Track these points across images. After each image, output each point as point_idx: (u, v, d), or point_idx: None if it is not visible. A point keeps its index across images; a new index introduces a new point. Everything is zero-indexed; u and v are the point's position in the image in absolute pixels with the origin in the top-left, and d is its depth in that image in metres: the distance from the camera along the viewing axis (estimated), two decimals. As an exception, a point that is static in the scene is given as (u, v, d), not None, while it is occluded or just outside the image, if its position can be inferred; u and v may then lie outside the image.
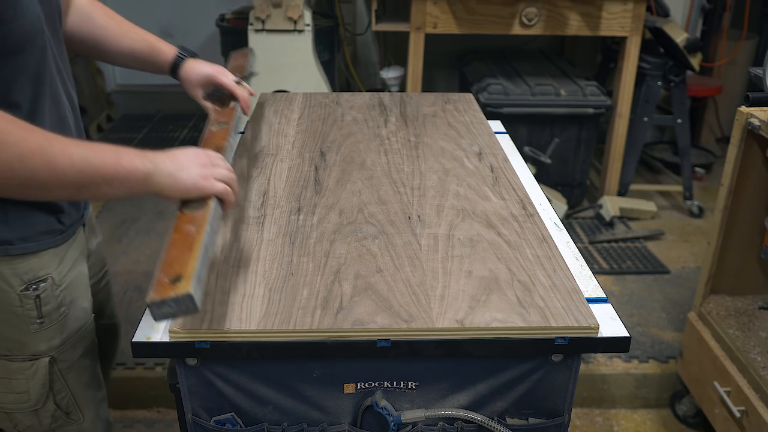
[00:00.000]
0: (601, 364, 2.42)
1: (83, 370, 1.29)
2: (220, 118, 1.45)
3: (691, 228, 3.37)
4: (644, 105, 3.38)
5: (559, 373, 1.13)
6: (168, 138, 4.16)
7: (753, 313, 2.09)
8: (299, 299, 1.11)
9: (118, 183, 1.04)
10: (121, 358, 2.36)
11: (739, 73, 4.00)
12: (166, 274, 0.94)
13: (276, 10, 3.11)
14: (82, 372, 1.29)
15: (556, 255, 1.26)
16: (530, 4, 3.01)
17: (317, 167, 1.59)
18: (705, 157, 3.97)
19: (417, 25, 3.06)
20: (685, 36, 3.15)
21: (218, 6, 4.12)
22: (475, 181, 1.53)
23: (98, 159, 1.02)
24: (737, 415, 1.88)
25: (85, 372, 1.30)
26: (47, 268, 1.17)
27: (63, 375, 1.25)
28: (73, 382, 1.27)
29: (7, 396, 1.22)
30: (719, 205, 1.99)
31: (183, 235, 1.03)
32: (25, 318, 1.16)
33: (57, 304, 1.20)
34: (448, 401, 1.14)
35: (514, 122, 3.12)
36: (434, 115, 1.93)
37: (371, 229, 1.33)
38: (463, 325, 1.07)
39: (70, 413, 1.28)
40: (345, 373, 1.11)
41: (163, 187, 1.09)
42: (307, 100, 2.04)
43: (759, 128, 1.80)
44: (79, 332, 1.26)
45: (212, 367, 1.09)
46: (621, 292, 2.82)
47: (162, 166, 1.09)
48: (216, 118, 1.46)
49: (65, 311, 1.22)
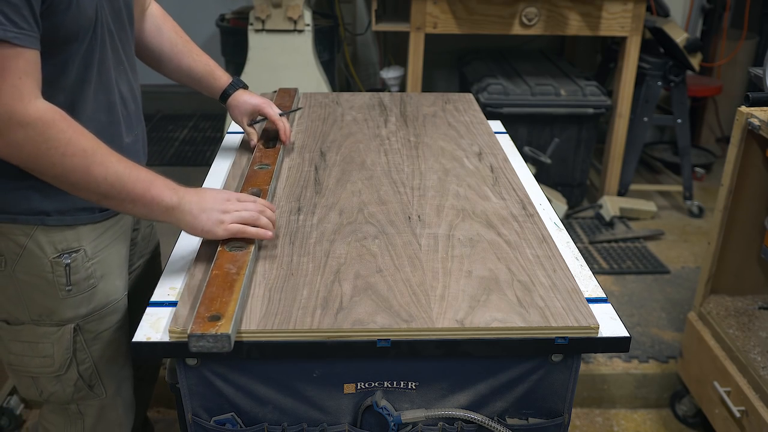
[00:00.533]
0: (601, 364, 2.42)
1: (108, 344, 1.34)
2: (264, 159, 1.54)
3: (691, 228, 3.37)
4: (644, 105, 3.38)
5: (559, 373, 1.13)
6: (168, 138, 4.16)
7: (753, 313, 2.09)
8: (299, 299, 1.11)
9: (142, 206, 1.15)
10: (121, 358, 2.36)
11: (739, 73, 4.00)
12: (207, 309, 1.04)
13: (276, 10, 3.11)
14: (107, 345, 1.34)
15: (556, 255, 1.26)
16: (530, 4, 3.01)
17: (317, 167, 1.59)
18: (705, 157, 3.97)
19: (417, 25, 3.06)
20: (685, 36, 3.15)
21: (218, 6, 4.12)
22: (475, 181, 1.53)
23: (131, 180, 1.13)
24: (737, 415, 1.88)
25: (110, 346, 1.35)
26: (81, 240, 1.25)
27: (87, 345, 1.31)
28: (97, 354, 1.33)
29: (33, 360, 1.29)
30: (719, 205, 1.99)
31: (224, 273, 1.12)
32: (55, 284, 1.24)
33: (86, 275, 1.27)
34: (448, 401, 1.14)
35: (514, 122, 3.12)
36: (434, 115, 1.93)
37: (371, 229, 1.33)
38: (463, 325, 1.07)
39: (93, 386, 1.34)
40: (345, 373, 1.11)
41: (183, 223, 1.19)
42: (307, 100, 2.04)
43: (759, 128, 1.80)
44: (107, 307, 1.32)
45: (212, 367, 1.09)
46: (621, 292, 2.82)
47: (187, 204, 1.18)
48: (259, 157, 1.55)
49: (94, 283, 1.28)
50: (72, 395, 1.34)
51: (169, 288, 1.19)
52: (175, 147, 4.05)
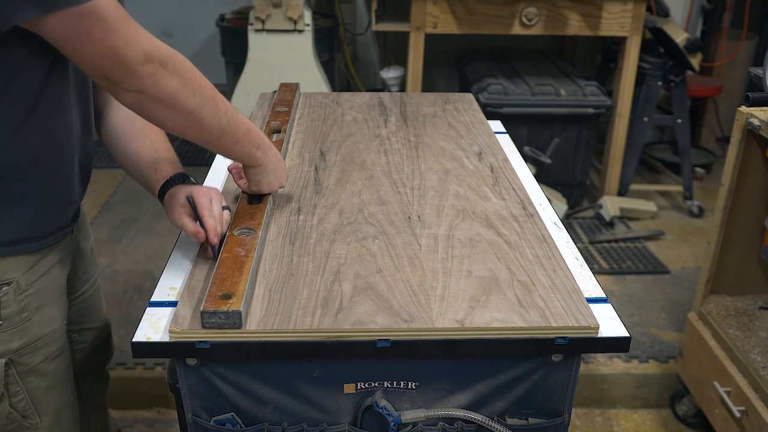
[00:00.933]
0: (601, 364, 2.42)
1: (44, 375, 1.27)
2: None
3: (691, 228, 3.37)
4: (644, 105, 3.38)
5: (559, 373, 1.13)
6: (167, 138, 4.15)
7: (753, 313, 2.09)
8: (299, 299, 1.12)
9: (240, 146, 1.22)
10: (121, 358, 2.36)
11: (739, 73, 4.00)
12: (218, 288, 1.08)
13: (276, 10, 3.11)
14: (42, 377, 1.27)
15: (556, 255, 1.26)
16: (530, 4, 3.01)
17: (317, 167, 1.59)
18: (705, 157, 3.97)
19: (417, 25, 3.06)
20: (685, 36, 3.15)
21: (218, 6, 4.12)
22: (475, 181, 1.53)
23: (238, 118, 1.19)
24: (737, 415, 1.88)
25: (46, 378, 1.28)
26: (13, 272, 1.17)
27: (20, 378, 1.23)
28: (32, 386, 1.26)
29: None
30: (719, 205, 1.99)
31: (233, 255, 1.16)
32: None
33: (19, 309, 1.19)
34: (448, 401, 1.14)
35: (514, 122, 3.12)
36: (434, 115, 1.93)
37: (371, 229, 1.33)
38: (463, 325, 1.07)
39: (26, 417, 1.27)
40: (345, 373, 1.11)
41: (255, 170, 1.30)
42: (307, 100, 2.04)
43: (759, 128, 1.80)
44: (43, 339, 1.25)
45: (212, 367, 1.09)
46: (621, 292, 2.82)
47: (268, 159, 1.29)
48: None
49: (28, 317, 1.21)
50: (4, 427, 1.26)
51: (169, 288, 1.19)
52: (175, 147, 4.02)
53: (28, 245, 1.18)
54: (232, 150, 1.22)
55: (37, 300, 1.22)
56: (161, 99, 1.06)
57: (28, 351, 1.22)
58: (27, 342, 1.21)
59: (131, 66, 1.01)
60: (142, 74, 1.02)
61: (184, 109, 1.09)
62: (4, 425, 1.25)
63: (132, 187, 3.56)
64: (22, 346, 1.21)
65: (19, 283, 1.17)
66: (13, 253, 1.16)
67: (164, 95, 1.06)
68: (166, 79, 1.05)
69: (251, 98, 2.94)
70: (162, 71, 1.04)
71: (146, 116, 1.10)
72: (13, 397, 1.24)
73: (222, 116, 1.15)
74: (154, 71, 1.03)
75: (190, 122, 1.12)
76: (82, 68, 1.04)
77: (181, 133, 1.15)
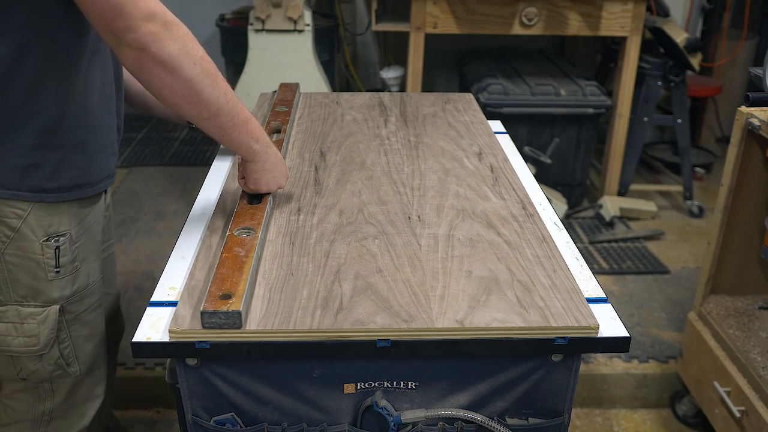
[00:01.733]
0: (601, 364, 2.42)
1: (85, 324, 1.42)
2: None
3: (691, 228, 3.37)
4: (644, 105, 3.38)
5: (559, 373, 1.13)
6: (167, 138, 4.16)
7: (753, 313, 2.09)
8: (299, 299, 1.12)
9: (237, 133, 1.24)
10: (122, 358, 2.36)
11: (739, 73, 4.00)
12: (218, 288, 1.08)
13: (276, 10, 3.11)
14: (84, 326, 1.41)
15: (556, 255, 1.26)
16: (530, 4, 3.01)
17: (317, 167, 1.59)
18: (705, 157, 3.97)
19: (417, 25, 3.06)
20: (685, 36, 3.15)
21: (218, 6, 4.12)
22: (475, 181, 1.53)
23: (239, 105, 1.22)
24: (737, 415, 1.88)
25: (87, 326, 1.42)
26: (66, 225, 1.32)
27: (68, 325, 1.37)
28: (75, 334, 1.40)
29: (16, 339, 1.33)
30: (719, 205, 1.99)
31: (233, 255, 1.17)
32: (44, 266, 1.30)
33: (72, 258, 1.34)
34: (448, 401, 1.14)
35: (514, 122, 3.12)
36: (434, 115, 1.93)
37: (371, 229, 1.33)
38: (463, 325, 1.07)
39: (69, 364, 1.40)
40: (345, 373, 1.11)
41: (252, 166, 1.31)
42: (307, 100, 2.04)
43: (759, 128, 1.80)
44: (86, 288, 1.40)
45: (212, 367, 1.09)
46: (621, 292, 2.82)
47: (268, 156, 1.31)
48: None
49: (78, 266, 1.36)
50: (51, 373, 1.39)
51: (169, 288, 1.19)
52: (175, 147, 4.05)
53: (83, 190, 1.33)
54: (229, 135, 1.23)
55: (83, 252, 1.37)
56: (161, 59, 1.09)
57: (75, 299, 1.38)
58: (76, 290, 1.37)
59: (134, 20, 1.06)
60: (144, 30, 1.07)
61: (182, 75, 1.12)
62: (51, 371, 1.39)
63: (132, 188, 3.56)
64: (72, 293, 1.36)
65: (71, 235, 1.33)
66: (72, 199, 1.31)
67: (164, 55, 1.09)
68: (168, 42, 1.09)
69: (251, 98, 2.94)
70: (164, 32, 1.08)
71: (145, 79, 1.13)
72: (62, 344, 1.38)
73: (221, 95, 1.17)
74: (156, 30, 1.07)
75: (187, 92, 1.14)
76: (89, 19, 1.10)
77: (177, 105, 1.17)
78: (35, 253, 1.28)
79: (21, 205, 1.25)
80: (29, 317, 1.32)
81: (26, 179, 1.24)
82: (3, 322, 1.32)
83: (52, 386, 1.42)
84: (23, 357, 1.35)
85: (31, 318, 1.32)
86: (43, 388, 1.42)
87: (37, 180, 1.24)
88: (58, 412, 1.45)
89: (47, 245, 1.29)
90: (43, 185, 1.25)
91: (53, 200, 1.28)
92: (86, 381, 1.47)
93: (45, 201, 1.27)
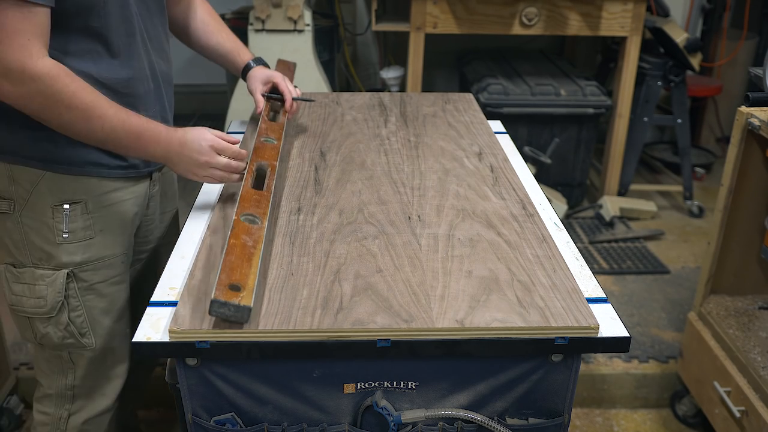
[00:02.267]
0: (601, 364, 2.42)
1: (102, 296, 1.43)
2: (270, 132, 1.59)
3: (691, 228, 3.37)
4: (644, 105, 3.38)
5: (559, 373, 1.13)
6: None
7: (753, 313, 2.09)
8: (299, 299, 1.12)
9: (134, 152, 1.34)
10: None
11: (739, 73, 4.00)
12: (228, 277, 1.07)
13: (276, 10, 3.11)
14: (100, 297, 1.43)
15: (556, 255, 1.26)
16: (530, 4, 3.01)
17: (317, 167, 1.59)
18: (705, 157, 3.96)
19: (417, 25, 3.06)
20: (685, 36, 3.15)
21: (218, 6, 4.12)
22: (475, 181, 1.53)
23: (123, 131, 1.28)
24: (737, 415, 1.88)
25: (103, 299, 1.44)
26: (82, 194, 1.36)
27: (80, 293, 1.40)
28: (90, 305, 1.42)
29: (29, 300, 1.39)
30: (719, 205, 1.99)
31: (241, 243, 1.16)
32: (54, 229, 1.35)
33: (84, 226, 1.37)
34: (448, 401, 1.14)
35: (514, 122, 3.12)
36: (434, 115, 1.93)
37: (371, 229, 1.33)
38: (463, 325, 1.07)
39: (83, 335, 1.43)
40: (345, 373, 1.11)
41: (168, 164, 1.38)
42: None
43: (759, 128, 1.80)
44: (103, 260, 1.41)
45: (212, 367, 1.09)
46: (621, 292, 2.82)
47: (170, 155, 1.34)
48: (265, 129, 1.59)
49: (91, 235, 1.38)
50: (62, 340, 1.42)
51: (169, 288, 1.19)
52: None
53: (99, 169, 1.36)
54: (127, 155, 1.36)
55: (102, 224, 1.40)
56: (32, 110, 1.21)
57: (88, 268, 1.40)
58: (88, 259, 1.39)
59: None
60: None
61: (52, 123, 1.24)
62: (61, 337, 1.42)
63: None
64: (84, 261, 1.39)
65: (86, 204, 1.36)
66: (87, 174, 1.35)
67: (26, 110, 1.21)
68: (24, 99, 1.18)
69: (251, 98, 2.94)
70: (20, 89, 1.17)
71: None
72: (72, 311, 1.40)
73: (98, 132, 1.26)
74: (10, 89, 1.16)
75: (66, 132, 1.26)
76: None
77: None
78: (46, 215, 1.34)
79: (34, 171, 1.31)
80: (40, 279, 1.37)
81: (37, 150, 1.30)
82: (20, 283, 1.38)
83: (71, 357, 1.45)
84: (35, 319, 1.40)
85: (42, 280, 1.37)
86: (63, 359, 1.45)
87: (47, 151, 1.30)
88: (81, 389, 1.48)
89: (57, 209, 1.34)
90: (54, 156, 1.31)
91: (64, 172, 1.32)
92: (106, 358, 1.48)
93: (55, 171, 1.32)
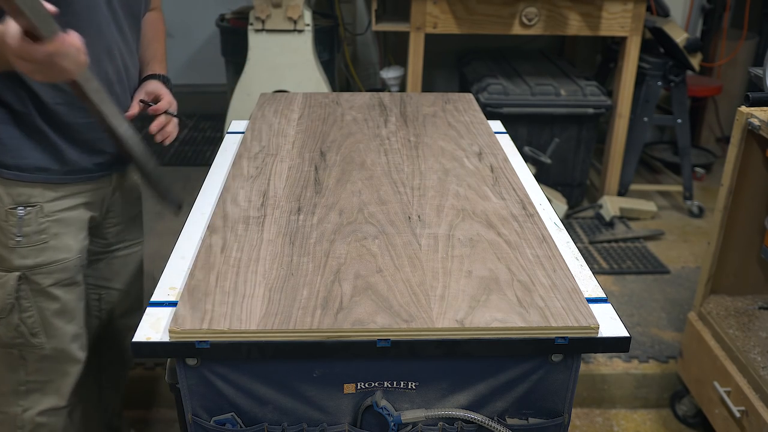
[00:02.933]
0: (601, 364, 2.42)
1: (54, 299, 1.45)
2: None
3: (691, 228, 3.37)
4: (644, 105, 3.38)
5: (559, 373, 1.13)
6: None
7: (753, 313, 2.09)
8: (299, 299, 1.12)
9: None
10: (121, 358, 2.36)
11: (739, 73, 4.00)
12: None
13: (276, 10, 3.11)
14: (52, 300, 1.44)
15: (556, 255, 1.26)
16: (530, 4, 3.01)
17: (317, 167, 1.59)
18: (705, 157, 3.97)
19: (417, 25, 3.06)
20: (685, 36, 3.15)
21: (218, 6, 4.12)
22: (475, 181, 1.53)
23: None
24: (737, 415, 1.88)
25: (56, 302, 1.45)
26: (38, 198, 1.37)
27: (32, 295, 1.42)
28: (42, 306, 1.44)
29: None
30: (719, 205, 1.99)
31: None
32: (7, 232, 1.36)
33: (38, 230, 1.38)
34: (448, 401, 1.14)
35: (514, 122, 3.12)
36: (434, 115, 1.93)
37: (371, 229, 1.33)
38: (463, 325, 1.07)
39: (34, 335, 1.45)
40: (345, 373, 1.11)
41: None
42: (307, 100, 2.03)
43: (759, 128, 1.80)
44: (56, 263, 1.42)
45: (212, 367, 1.09)
46: (621, 292, 2.82)
47: None
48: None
49: (45, 239, 1.40)
50: (12, 339, 1.44)
51: (169, 288, 1.19)
52: (174, 147, 4.05)
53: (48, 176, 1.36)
54: None
55: (57, 227, 1.41)
56: None
57: (41, 271, 1.41)
58: (41, 262, 1.40)
59: None
60: None
61: None
62: (12, 337, 1.44)
63: (132, 187, 3.56)
64: (36, 264, 1.39)
65: (42, 208, 1.37)
66: (37, 181, 1.35)
67: None
68: None
69: (251, 98, 2.94)
70: None
71: None
72: (24, 312, 1.42)
73: None
74: None
75: None
76: None
77: None
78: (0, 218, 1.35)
79: None
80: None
81: None
82: None
83: (22, 354, 1.46)
84: None
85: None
86: (13, 356, 1.46)
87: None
88: (34, 385, 1.50)
89: (12, 213, 1.35)
90: (5, 162, 1.32)
91: (13, 177, 1.33)
92: (59, 357, 1.49)
93: (5, 177, 1.33)
